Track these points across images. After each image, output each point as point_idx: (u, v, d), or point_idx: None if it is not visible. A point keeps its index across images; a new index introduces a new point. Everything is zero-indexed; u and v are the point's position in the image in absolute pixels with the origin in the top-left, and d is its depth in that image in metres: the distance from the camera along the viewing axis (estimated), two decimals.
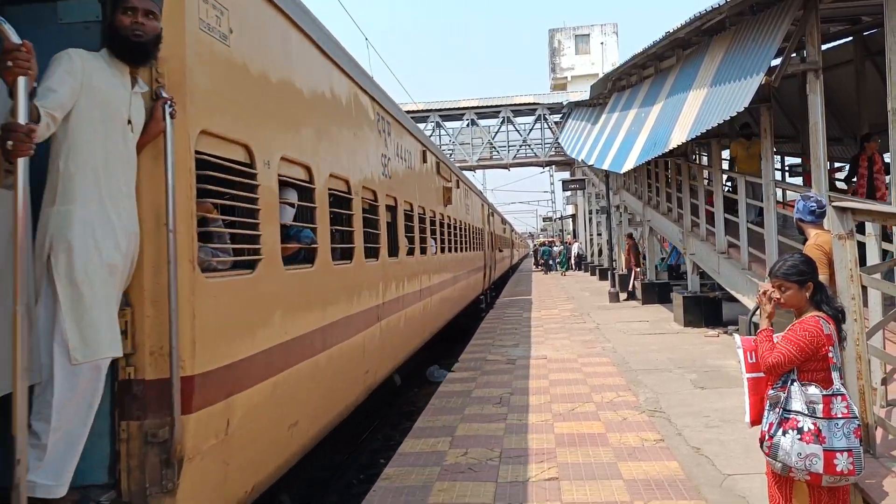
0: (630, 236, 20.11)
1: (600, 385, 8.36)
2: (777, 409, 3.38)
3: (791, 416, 3.31)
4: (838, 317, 3.46)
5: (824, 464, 3.19)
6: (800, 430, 3.26)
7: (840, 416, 3.25)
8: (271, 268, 4.02)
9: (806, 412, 3.27)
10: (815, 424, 3.24)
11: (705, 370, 9.01)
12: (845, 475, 3.19)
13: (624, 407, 7.25)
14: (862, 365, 4.47)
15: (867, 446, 4.48)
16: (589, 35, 55.63)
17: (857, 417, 3.27)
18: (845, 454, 3.19)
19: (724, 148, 13.62)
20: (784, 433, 3.30)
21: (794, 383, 3.35)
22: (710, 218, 11.94)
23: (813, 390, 3.30)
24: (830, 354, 3.33)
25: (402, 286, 8.02)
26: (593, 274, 31.29)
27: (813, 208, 5.11)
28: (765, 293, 3.52)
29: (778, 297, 3.49)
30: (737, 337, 3.76)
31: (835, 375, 3.32)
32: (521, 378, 9.00)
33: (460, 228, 14.71)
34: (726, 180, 12.66)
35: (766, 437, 3.39)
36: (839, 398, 3.28)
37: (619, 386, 8.28)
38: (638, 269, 19.26)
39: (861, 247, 4.90)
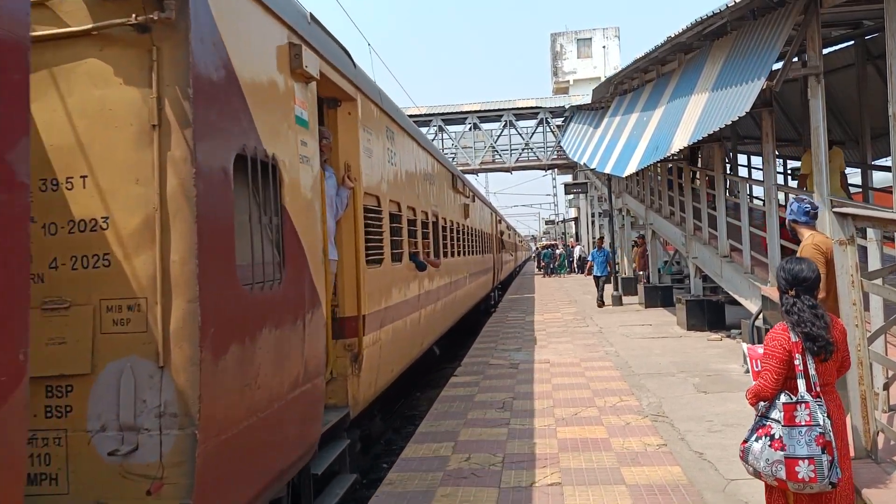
0: (642, 237, 19.99)
1: (603, 389, 8.36)
2: (757, 416, 3.48)
3: (767, 422, 3.40)
4: (797, 331, 3.42)
5: (787, 471, 3.26)
6: (771, 437, 3.34)
7: (803, 423, 3.29)
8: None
9: (778, 420, 3.36)
10: (781, 432, 3.31)
11: (708, 374, 9.01)
12: (807, 483, 3.23)
13: (627, 411, 7.26)
14: (863, 370, 4.48)
15: (870, 452, 4.48)
16: (591, 39, 55.67)
17: (819, 425, 3.29)
18: (806, 462, 3.23)
19: (727, 151, 13.60)
20: (757, 439, 3.40)
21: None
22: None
23: (783, 398, 3.37)
24: (796, 362, 3.38)
25: None
26: (589, 273, 31.17)
27: (807, 209, 5.25)
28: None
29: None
30: (744, 346, 3.81)
31: (800, 383, 3.36)
32: (524, 382, 9.01)
33: None
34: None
35: (742, 442, 3.50)
36: (802, 406, 3.32)
37: (621, 390, 8.28)
38: (641, 273, 19.23)
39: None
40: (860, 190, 12.84)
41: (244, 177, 3.48)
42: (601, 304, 18.80)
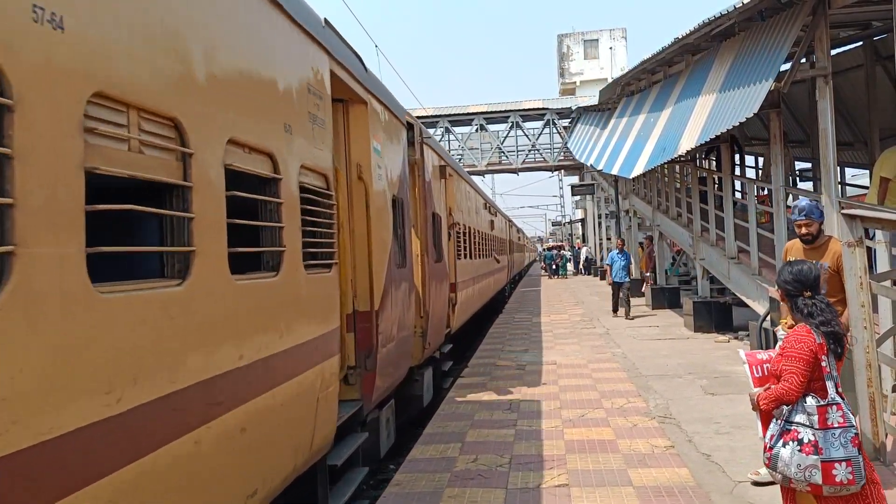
0: (650, 239, 19.86)
1: (610, 391, 8.36)
2: (780, 421, 3.40)
3: (792, 427, 3.33)
4: (823, 331, 3.40)
5: (823, 475, 3.21)
6: (800, 442, 3.28)
7: (836, 425, 3.26)
8: None
9: (806, 423, 3.29)
10: (814, 436, 3.26)
11: (715, 376, 8.98)
12: (845, 485, 3.20)
13: (634, 413, 7.25)
14: (872, 373, 4.47)
15: (879, 455, 4.47)
16: (598, 40, 55.70)
17: (853, 426, 3.28)
18: (843, 464, 3.20)
19: (735, 153, 13.57)
20: (784, 445, 3.33)
21: None
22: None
23: (810, 401, 3.32)
24: (824, 363, 3.35)
25: None
26: (602, 278, 31.20)
27: (822, 208, 5.28)
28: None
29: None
30: (741, 353, 3.79)
31: (829, 385, 3.34)
32: (531, 384, 9.01)
33: None
34: None
35: (766, 449, 3.42)
36: (834, 407, 3.29)
37: (629, 392, 8.27)
38: (648, 275, 19.15)
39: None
40: (867, 191, 12.78)
41: None
42: (616, 313, 16.62)
